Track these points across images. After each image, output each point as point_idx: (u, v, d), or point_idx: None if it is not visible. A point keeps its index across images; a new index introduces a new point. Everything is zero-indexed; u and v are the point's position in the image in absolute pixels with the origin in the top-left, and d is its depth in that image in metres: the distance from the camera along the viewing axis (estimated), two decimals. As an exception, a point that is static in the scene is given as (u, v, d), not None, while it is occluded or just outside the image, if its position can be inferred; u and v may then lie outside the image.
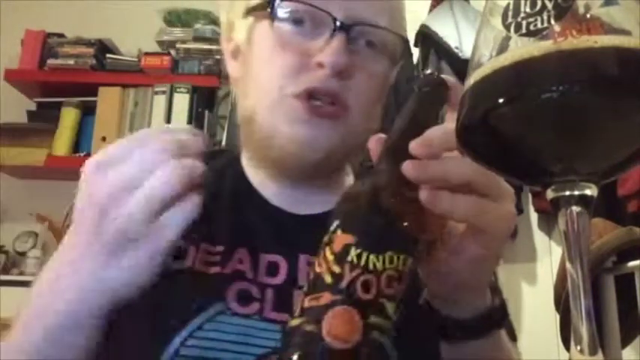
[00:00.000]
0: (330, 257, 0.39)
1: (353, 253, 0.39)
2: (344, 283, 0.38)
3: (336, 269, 0.39)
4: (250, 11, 0.62)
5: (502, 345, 0.51)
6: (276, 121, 0.58)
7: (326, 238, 0.41)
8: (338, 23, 0.56)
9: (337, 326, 0.37)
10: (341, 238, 0.40)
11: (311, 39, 0.58)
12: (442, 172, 0.40)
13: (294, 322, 0.39)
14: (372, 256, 0.38)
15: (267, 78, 0.59)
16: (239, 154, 0.69)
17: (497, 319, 0.49)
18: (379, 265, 0.38)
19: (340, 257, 0.39)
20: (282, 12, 0.58)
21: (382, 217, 0.40)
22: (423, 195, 0.40)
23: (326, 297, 0.38)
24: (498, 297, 0.50)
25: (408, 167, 0.40)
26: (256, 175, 0.65)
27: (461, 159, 0.38)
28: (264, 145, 0.60)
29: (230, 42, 0.67)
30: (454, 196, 0.40)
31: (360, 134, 0.59)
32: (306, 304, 0.39)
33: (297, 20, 0.58)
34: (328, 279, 0.39)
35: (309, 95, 0.57)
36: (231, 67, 0.67)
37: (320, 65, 0.56)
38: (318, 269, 0.40)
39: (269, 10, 0.58)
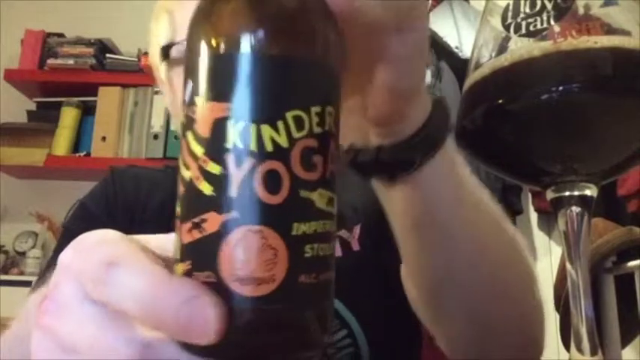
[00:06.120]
0: (199, 150, 0.24)
1: (232, 131, 0.23)
2: (233, 188, 0.23)
3: (214, 168, 0.23)
4: (161, 59, 0.66)
5: (459, 160, 0.42)
6: None
7: (183, 119, 0.25)
8: None
9: (245, 262, 0.23)
10: (206, 111, 0.24)
11: None
12: None
13: (179, 271, 0.24)
14: (265, 128, 0.23)
15: None
16: None
17: (437, 124, 0.39)
18: (282, 138, 0.23)
19: (214, 145, 0.23)
20: (176, 55, 0.60)
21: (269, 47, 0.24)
22: None
23: (212, 219, 0.23)
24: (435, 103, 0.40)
25: None
26: None
27: None
28: None
29: (159, 80, 0.72)
30: None
31: None
32: (186, 238, 0.24)
33: None
34: (206, 188, 0.23)
35: None
36: (166, 99, 0.72)
37: None
38: (186, 174, 0.24)
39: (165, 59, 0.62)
